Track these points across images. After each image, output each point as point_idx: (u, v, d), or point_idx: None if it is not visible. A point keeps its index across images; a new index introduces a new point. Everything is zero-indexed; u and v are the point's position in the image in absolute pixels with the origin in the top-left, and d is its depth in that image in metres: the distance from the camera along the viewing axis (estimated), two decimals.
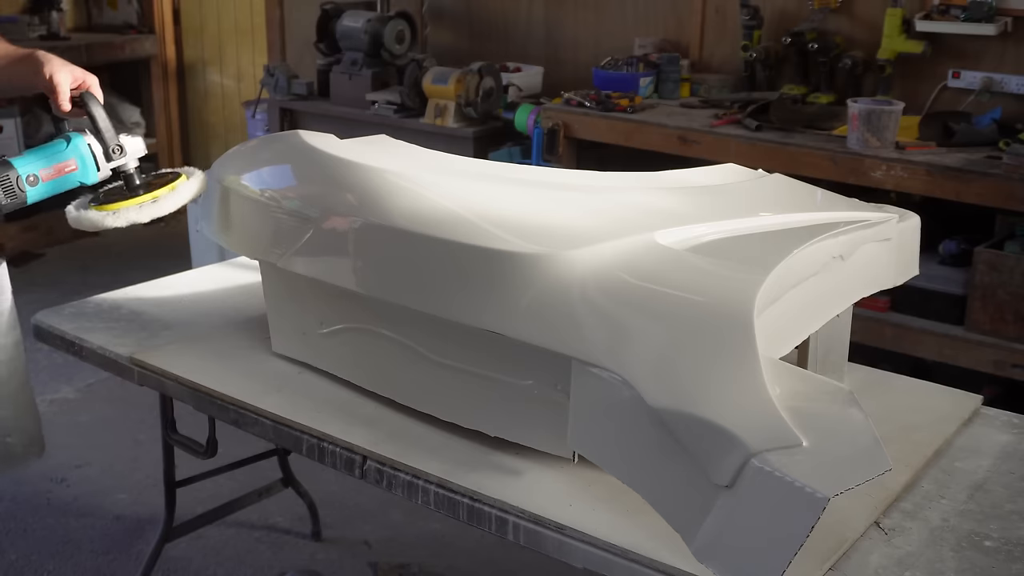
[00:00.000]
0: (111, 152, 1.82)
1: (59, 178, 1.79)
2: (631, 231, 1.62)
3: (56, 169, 1.78)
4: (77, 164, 1.80)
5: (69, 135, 1.81)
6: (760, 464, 1.24)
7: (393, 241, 1.69)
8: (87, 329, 2.16)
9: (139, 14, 5.79)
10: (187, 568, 2.76)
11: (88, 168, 1.82)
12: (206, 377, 1.92)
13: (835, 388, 1.40)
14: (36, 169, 1.76)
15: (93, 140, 1.82)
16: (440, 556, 2.82)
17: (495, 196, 1.77)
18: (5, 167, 1.75)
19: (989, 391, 2.80)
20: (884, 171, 2.92)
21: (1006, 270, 2.82)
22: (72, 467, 3.21)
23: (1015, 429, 1.81)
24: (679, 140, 3.31)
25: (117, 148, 1.83)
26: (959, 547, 1.46)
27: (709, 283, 1.52)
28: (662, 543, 1.40)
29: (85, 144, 1.81)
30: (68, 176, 1.80)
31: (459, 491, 1.58)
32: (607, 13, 4.09)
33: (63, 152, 1.79)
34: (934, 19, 3.28)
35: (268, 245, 1.89)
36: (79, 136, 1.81)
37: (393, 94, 4.13)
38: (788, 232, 1.69)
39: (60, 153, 1.79)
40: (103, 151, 1.82)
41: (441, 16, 4.57)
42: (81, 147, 1.80)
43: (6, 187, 1.74)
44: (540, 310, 1.52)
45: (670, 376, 1.39)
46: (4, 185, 1.74)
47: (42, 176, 1.76)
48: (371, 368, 1.84)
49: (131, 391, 2.53)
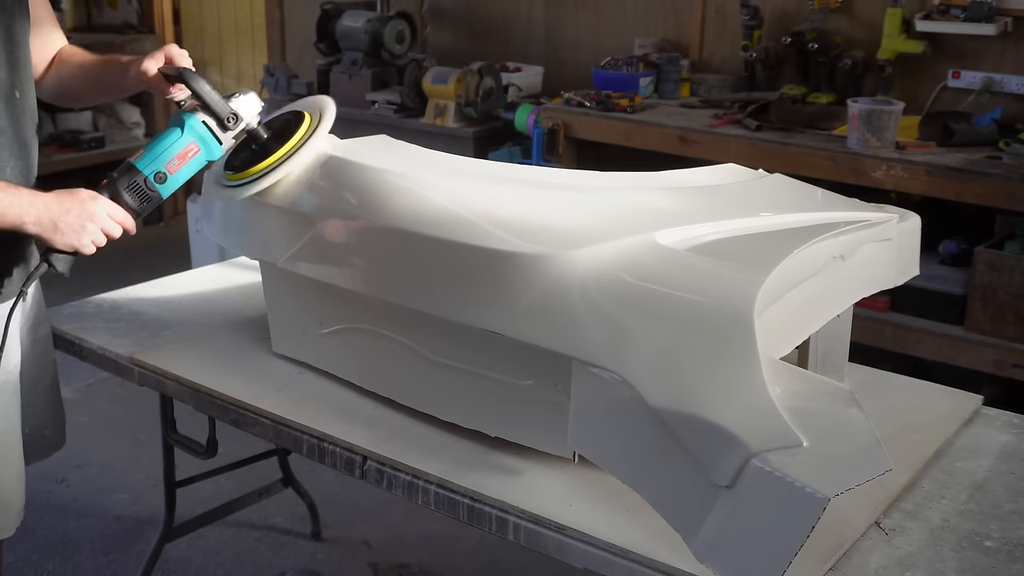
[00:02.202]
0: (227, 123, 1.75)
1: (185, 166, 1.73)
2: (631, 231, 1.62)
3: (179, 158, 1.72)
4: (198, 146, 1.73)
5: (182, 117, 1.74)
6: (760, 464, 1.24)
7: (393, 241, 1.69)
8: (87, 329, 2.16)
9: (139, 14, 5.79)
10: (187, 568, 2.76)
11: (210, 145, 1.75)
12: (206, 377, 1.92)
13: (835, 388, 1.40)
14: (160, 165, 1.71)
15: (206, 115, 1.74)
16: (440, 556, 2.82)
17: (495, 196, 1.77)
18: (131, 172, 1.70)
19: (989, 391, 2.79)
20: (884, 171, 2.92)
21: (1006, 270, 2.81)
22: (72, 467, 3.21)
23: (1015, 429, 1.81)
24: (679, 140, 3.31)
25: (232, 117, 1.75)
26: (959, 547, 1.46)
27: (709, 283, 1.52)
28: (662, 543, 1.40)
29: (199, 123, 1.73)
30: (193, 160, 1.74)
31: (459, 491, 1.58)
32: (607, 13, 4.09)
33: (180, 139, 1.72)
34: (934, 19, 3.28)
35: (268, 245, 1.89)
36: (191, 116, 1.73)
37: (393, 94, 4.13)
38: (788, 232, 1.69)
39: (178, 141, 1.72)
40: (218, 124, 1.74)
41: (441, 16, 4.57)
42: (197, 127, 1.73)
43: (137, 191, 1.70)
44: (540, 310, 1.52)
45: (670, 376, 1.39)
46: (134, 191, 1.70)
47: (168, 170, 1.71)
48: (371, 368, 1.84)
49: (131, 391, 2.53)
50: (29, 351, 1.86)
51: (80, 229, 1.64)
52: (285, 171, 1.84)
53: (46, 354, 1.94)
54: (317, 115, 1.89)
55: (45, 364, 1.93)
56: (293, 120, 1.89)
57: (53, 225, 1.62)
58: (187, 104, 1.77)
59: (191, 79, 1.74)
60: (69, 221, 1.63)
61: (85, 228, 1.64)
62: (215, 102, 1.74)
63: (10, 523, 1.82)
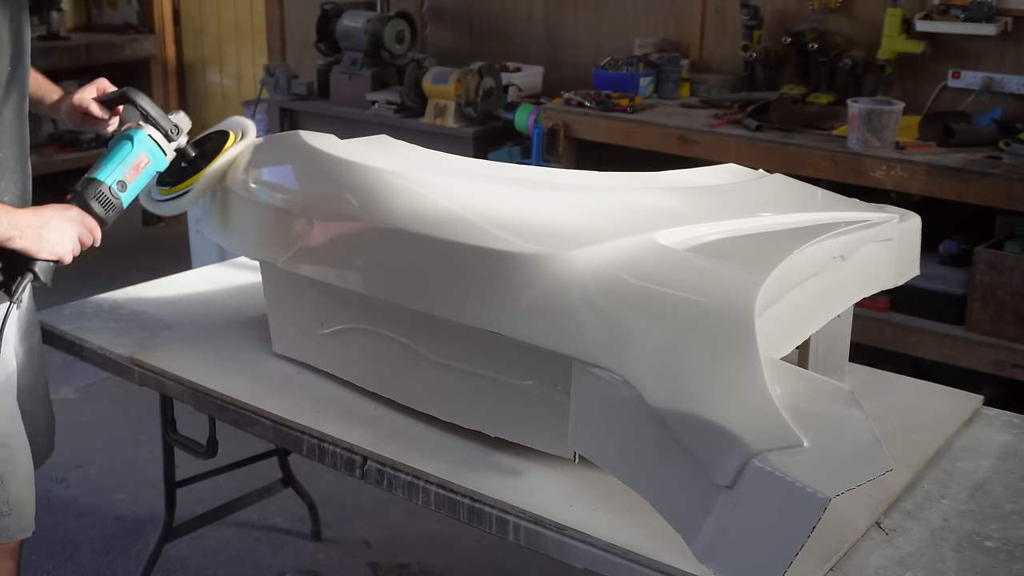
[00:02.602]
0: (170, 134, 1.87)
1: (139, 176, 1.84)
2: (631, 231, 1.62)
3: (134, 168, 1.83)
4: (148, 157, 1.84)
5: (129, 133, 1.84)
6: (761, 464, 1.24)
7: (393, 241, 1.69)
8: (87, 329, 2.16)
9: (139, 14, 5.79)
10: (187, 568, 2.76)
11: (158, 156, 1.86)
12: (206, 377, 1.92)
13: (835, 388, 1.40)
14: (120, 175, 1.81)
15: (151, 128, 1.86)
16: (440, 556, 2.82)
17: (495, 196, 1.77)
18: (95, 184, 1.79)
19: (989, 391, 2.79)
20: (884, 171, 2.92)
21: (1006, 270, 2.81)
22: (72, 467, 3.21)
23: (1015, 429, 1.81)
24: (679, 140, 3.31)
25: (174, 128, 1.88)
26: (959, 547, 1.46)
27: (710, 283, 1.52)
28: (662, 543, 1.40)
29: (146, 136, 1.84)
30: (146, 170, 1.85)
31: (459, 491, 1.58)
32: (607, 13, 4.09)
33: (132, 150, 1.83)
34: (934, 19, 3.28)
35: (268, 245, 1.89)
36: (138, 131, 1.85)
37: (393, 94, 4.13)
38: (788, 232, 1.69)
39: (130, 153, 1.82)
40: (163, 135, 1.86)
41: (441, 16, 4.57)
42: (145, 140, 1.84)
43: (103, 200, 1.79)
44: (541, 310, 1.51)
45: (671, 376, 1.39)
46: (100, 200, 1.79)
47: (127, 179, 1.82)
48: (371, 368, 1.84)
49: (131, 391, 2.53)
50: (24, 359, 1.88)
51: (61, 239, 1.72)
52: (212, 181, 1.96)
53: (39, 362, 1.96)
54: (239, 134, 2.02)
55: (38, 372, 1.95)
56: (217, 139, 2.01)
57: (38, 237, 1.70)
58: (128, 124, 1.87)
59: (134, 95, 1.87)
60: (51, 231, 1.71)
61: (65, 236, 1.73)
62: (158, 115, 1.86)
63: (29, 522, 1.87)
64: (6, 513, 1.80)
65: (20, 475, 1.83)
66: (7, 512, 1.80)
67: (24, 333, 1.88)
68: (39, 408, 1.95)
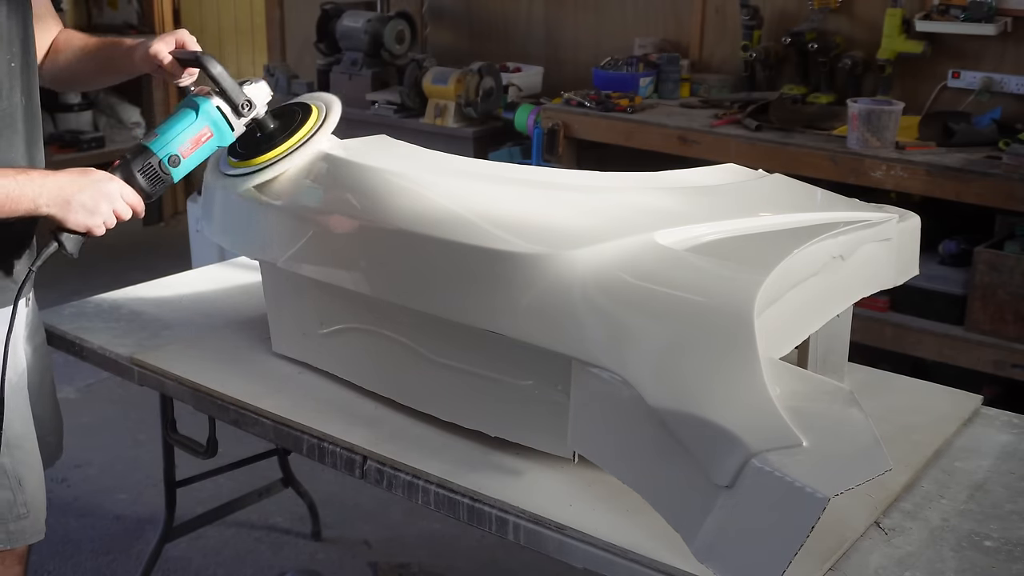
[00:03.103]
0: (241, 109, 1.73)
1: (198, 150, 1.70)
2: (631, 231, 1.62)
3: (193, 142, 1.69)
4: (212, 131, 1.71)
5: (196, 101, 1.71)
6: (760, 464, 1.24)
7: (393, 241, 1.69)
8: (87, 329, 2.16)
9: (139, 14, 5.79)
10: (187, 568, 2.76)
11: (223, 131, 1.73)
12: (206, 377, 1.92)
13: (835, 388, 1.40)
14: (175, 148, 1.67)
15: (220, 100, 1.72)
16: (440, 556, 2.82)
17: (495, 196, 1.77)
18: (144, 154, 1.66)
19: (989, 391, 2.79)
20: (884, 171, 2.92)
21: (1006, 270, 2.81)
22: (72, 467, 3.21)
23: (1015, 429, 1.81)
24: (679, 140, 3.31)
25: (246, 104, 1.73)
26: (959, 547, 1.46)
27: (709, 283, 1.52)
28: (662, 543, 1.40)
29: (214, 107, 1.71)
30: (206, 145, 1.71)
31: (459, 491, 1.58)
32: (607, 13, 4.09)
33: (195, 123, 1.69)
34: (934, 19, 3.28)
35: (268, 245, 1.89)
36: (206, 100, 1.71)
37: (393, 94, 4.13)
38: (788, 232, 1.69)
39: (192, 124, 1.69)
40: (232, 109, 1.73)
41: (441, 16, 4.57)
42: (212, 112, 1.70)
43: (150, 175, 1.66)
44: (540, 310, 1.52)
45: (670, 376, 1.39)
46: (148, 173, 1.66)
47: (182, 153, 1.68)
48: (371, 368, 1.84)
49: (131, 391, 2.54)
50: (30, 359, 1.85)
51: (94, 209, 1.61)
52: (288, 164, 1.83)
53: (44, 361, 1.93)
54: (323, 110, 1.88)
55: (44, 371, 1.92)
56: (300, 113, 1.87)
57: (67, 203, 1.59)
58: (198, 89, 1.75)
59: (208, 63, 1.71)
60: (83, 200, 1.60)
61: (99, 208, 1.61)
62: (231, 87, 1.72)
63: (42, 525, 1.81)
64: (24, 516, 1.74)
65: (33, 477, 1.78)
66: (24, 515, 1.74)
67: (31, 332, 1.86)
68: (47, 408, 1.92)
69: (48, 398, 1.95)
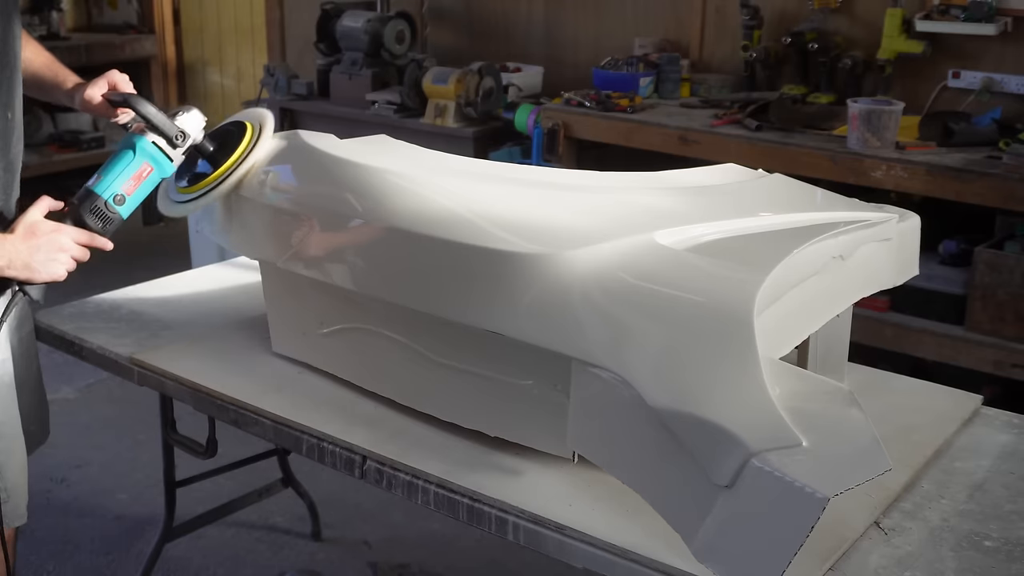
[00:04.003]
0: (175, 140, 1.80)
1: (141, 186, 1.78)
2: (631, 231, 1.62)
3: (135, 179, 1.77)
4: (151, 165, 1.78)
5: (132, 140, 1.78)
6: (760, 464, 1.24)
7: (393, 241, 1.69)
8: (87, 329, 2.16)
9: (139, 14, 5.80)
10: (187, 568, 2.76)
11: (162, 164, 1.80)
12: (206, 377, 1.92)
13: (835, 388, 1.40)
14: (118, 188, 1.75)
15: (155, 135, 1.79)
16: (440, 556, 2.82)
17: (495, 196, 1.77)
18: (91, 197, 1.74)
19: (989, 391, 2.79)
20: (884, 171, 2.92)
21: (1006, 270, 2.81)
22: (72, 467, 3.21)
23: (1015, 429, 1.81)
24: (679, 140, 3.31)
25: (180, 135, 1.81)
26: (959, 547, 1.46)
27: (709, 283, 1.52)
28: (662, 543, 1.40)
29: (150, 143, 1.78)
30: (148, 180, 1.79)
31: (459, 491, 1.58)
32: (607, 13, 4.09)
33: (134, 160, 1.77)
34: (934, 19, 3.28)
35: (268, 245, 1.89)
36: (141, 138, 1.78)
37: (393, 94, 4.13)
38: (788, 232, 1.69)
39: (132, 163, 1.77)
40: (167, 142, 1.79)
41: (441, 16, 4.57)
42: (148, 148, 1.78)
43: (99, 215, 1.74)
44: (540, 310, 1.52)
45: (670, 376, 1.39)
46: (96, 214, 1.74)
47: (126, 191, 1.76)
48: (371, 368, 1.84)
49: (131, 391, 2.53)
50: (16, 348, 1.88)
51: (52, 262, 1.69)
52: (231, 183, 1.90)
53: (30, 351, 1.96)
54: (258, 126, 1.95)
55: (29, 361, 1.96)
56: (235, 131, 1.95)
57: (27, 266, 1.68)
58: (135, 127, 1.82)
59: (137, 103, 1.80)
60: (40, 259, 1.68)
61: (58, 259, 1.70)
62: (162, 123, 1.79)
63: (23, 510, 1.89)
64: (4, 500, 1.81)
65: (15, 463, 1.85)
66: (5, 499, 1.82)
67: (19, 323, 1.89)
68: (33, 396, 1.96)
69: (34, 387, 1.98)
